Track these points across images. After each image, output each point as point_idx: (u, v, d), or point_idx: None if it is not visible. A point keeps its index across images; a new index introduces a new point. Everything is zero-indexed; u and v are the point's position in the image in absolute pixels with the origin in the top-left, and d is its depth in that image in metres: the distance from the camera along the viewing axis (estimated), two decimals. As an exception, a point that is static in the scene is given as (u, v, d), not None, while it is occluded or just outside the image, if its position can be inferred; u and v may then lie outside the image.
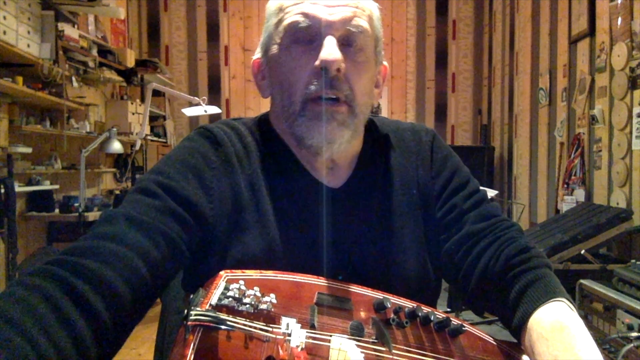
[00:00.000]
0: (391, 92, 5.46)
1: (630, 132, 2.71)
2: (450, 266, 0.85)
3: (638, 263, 2.02)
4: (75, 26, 3.71)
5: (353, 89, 0.76)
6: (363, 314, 0.69)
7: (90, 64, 3.82)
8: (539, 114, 4.05)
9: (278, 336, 0.60)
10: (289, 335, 0.60)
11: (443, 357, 0.71)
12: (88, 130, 3.92)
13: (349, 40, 0.76)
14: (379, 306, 0.70)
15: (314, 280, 0.69)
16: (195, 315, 0.57)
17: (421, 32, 5.45)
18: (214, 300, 0.60)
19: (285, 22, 0.76)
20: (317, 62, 0.73)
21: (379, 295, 0.71)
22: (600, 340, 1.83)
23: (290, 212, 0.79)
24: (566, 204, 3.31)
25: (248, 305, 0.60)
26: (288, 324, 0.61)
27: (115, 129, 3.84)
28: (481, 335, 0.76)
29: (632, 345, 1.58)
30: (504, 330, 0.81)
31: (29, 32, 3.07)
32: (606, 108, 2.97)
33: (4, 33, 2.81)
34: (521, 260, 0.77)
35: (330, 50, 0.73)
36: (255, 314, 0.61)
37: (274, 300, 0.62)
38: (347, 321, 0.67)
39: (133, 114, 4.49)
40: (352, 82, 0.76)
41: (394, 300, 0.71)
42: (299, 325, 0.62)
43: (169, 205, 0.70)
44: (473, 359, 0.73)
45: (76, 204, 3.49)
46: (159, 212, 0.69)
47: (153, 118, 5.04)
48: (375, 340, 0.67)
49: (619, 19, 2.80)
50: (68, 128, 3.66)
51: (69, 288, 0.55)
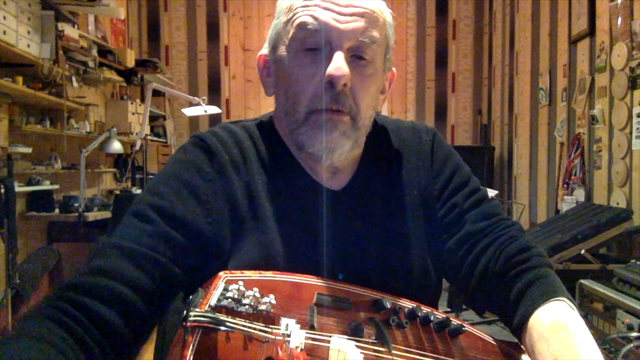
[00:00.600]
0: (391, 92, 5.46)
1: (630, 132, 2.71)
2: (451, 265, 0.84)
3: (638, 263, 2.02)
4: (75, 26, 3.71)
5: (358, 104, 0.76)
6: (362, 315, 0.69)
7: (90, 64, 3.82)
8: (539, 114, 4.05)
9: (277, 337, 0.60)
10: (288, 336, 0.60)
11: (443, 358, 0.71)
12: (88, 130, 3.92)
13: (358, 52, 0.75)
14: (379, 306, 0.70)
15: (313, 280, 0.69)
16: (195, 316, 0.57)
17: (421, 32, 5.45)
18: (213, 301, 0.60)
19: (295, 23, 0.75)
20: (324, 76, 0.72)
21: (378, 295, 0.71)
22: (600, 340, 1.83)
23: (290, 214, 0.79)
24: (566, 204, 3.31)
25: (247, 306, 0.60)
26: (287, 325, 0.61)
27: (115, 129, 3.84)
28: (481, 336, 0.76)
29: (632, 345, 1.58)
30: (504, 330, 0.81)
31: (29, 32, 3.07)
32: (606, 108, 2.97)
33: (4, 33, 2.81)
34: (522, 259, 0.77)
35: (338, 64, 0.71)
36: (255, 315, 0.61)
37: (273, 301, 0.62)
38: (347, 322, 0.67)
39: (133, 114, 4.49)
40: (358, 97, 0.75)
41: (394, 300, 0.71)
42: (299, 325, 0.62)
43: (162, 230, 0.71)
44: (473, 359, 0.73)
45: (76, 204, 3.49)
46: (151, 238, 0.70)
47: (153, 118, 5.04)
48: (375, 341, 0.67)
49: (619, 19, 2.79)
50: (68, 128, 3.66)
51: (75, 329, 0.60)
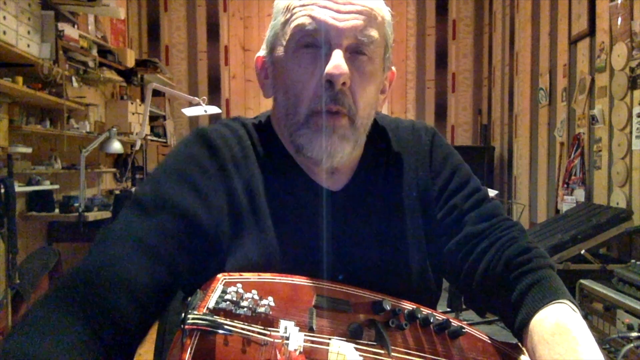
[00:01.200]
0: (391, 92, 5.44)
1: (630, 132, 2.70)
2: (451, 267, 0.84)
3: (638, 263, 2.02)
4: (75, 26, 3.70)
5: (356, 103, 0.75)
6: (362, 316, 0.69)
7: (90, 64, 3.82)
8: (539, 114, 4.05)
9: (276, 340, 0.59)
10: (287, 338, 0.60)
11: (442, 360, 0.71)
12: (88, 130, 3.91)
13: (357, 50, 0.74)
14: (378, 308, 0.69)
15: (312, 282, 0.69)
16: (193, 318, 0.56)
17: (421, 32, 5.44)
18: (211, 303, 0.59)
19: (292, 24, 0.74)
20: (323, 75, 0.72)
21: (377, 297, 0.71)
22: (600, 340, 1.83)
23: (289, 214, 0.79)
24: (566, 204, 3.30)
25: (246, 309, 0.60)
26: (286, 327, 0.61)
27: (115, 129, 3.84)
28: (481, 337, 0.75)
29: (632, 345, 1.57)
30: (504, 330, 0.80)
31: (29, 32, 3.07)
32: (606, 108, 2.96)
33: (4, 33, 2.80)
34: (523, 261, 0.77)
35: (336, 63, 0.71)
36: (253, 318, 0.60)
37: (272, 303, 0.62)
38: (346, 324, 0.67)
39: (133, 114, 4.49)
40: (357, 96, 0.75)
41: (393, 302, 0.71)
42: (298, 328, 0.62)
43: (166, 223, 0.70)
44: (472, 362, 0.73)
45: (76, 204, 3.49)
46: (156, 231, 0.69)
47: (153, 118, 5.04)
48: (374, 343, 0.67)
49: (619, 19, 2.79)
50: (68, 128, 3.66)
51: (86, 315, 0.61)
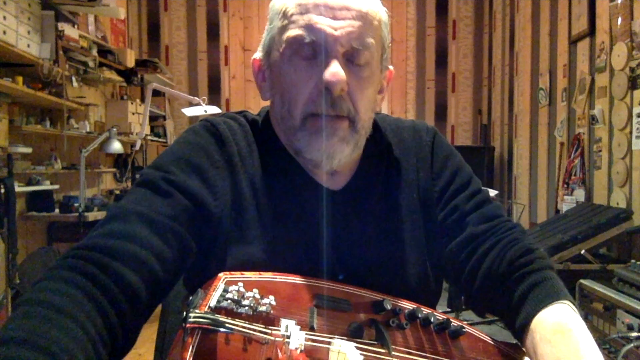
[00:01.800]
0: (391, 92, 5.46)
1: (630, 132, 2.70)
2: (453, 268, 0.84)
3: (638, 263, 2.02)
4: (75, 26, 3.70)
5: (356, 107, 0.75)
6: (362, 316, 0.69)
7: (90, 64, 3.82)
8: (539, 114, 4.05)
9: (277, 338, 0.60)
10: (288, 337, 0.60)
11: (443, 359, 0.71)
12: (88, 130, 3.92)
13: (354, 56, 0.74)
14: (379, 308, 0.70)
15: (313, 282, 0.69)
16: (194, 317, 0.56)
17: (421, 32, 5.45)
18: (212, 302, 0.59)
19: (290, 31, 0.74)
20: (321, 82, 0.72)
21: (378, 296, 0.71)
22: (600, 340, 1.83)
23: (289, 214, 0.79)
24: (566, 204, 3.30)
25: (247, 307, 0.60)
26: (287, 326, 0.61)
27: (115, 129, 3.84)
28: (481, 337, 0.75)
29: (632, 345, 1.57)
30: (504, 330, 0.81)
31: (29, 32, 3.07)
32: (606, 108, 2.96)
33: (4, 33, 2.80)
34: (525, 262, 0.77)
35: (334, 70, 0.71)
36: (254, 316, 0.61)
37: (273, 302, 0.62)
38: (347, 323, 0.67)
39: (133, 114, 4.49)
40: (355, 100, 0.75)
41: (394, 301, 0.71)
42: (298, 327, 0.62)
43: (180, 202, 0.71)
44: (473, 361, 0.73)
45: (76, 204, 3.49)
46: (169, 208, 0.69)
47: (153, 118, 5.04)
48: (375, 342, 0.67)
49: (619, 19, 2.79)
50: (68, 128, 3.66)
51: (100, 283, 0.59)
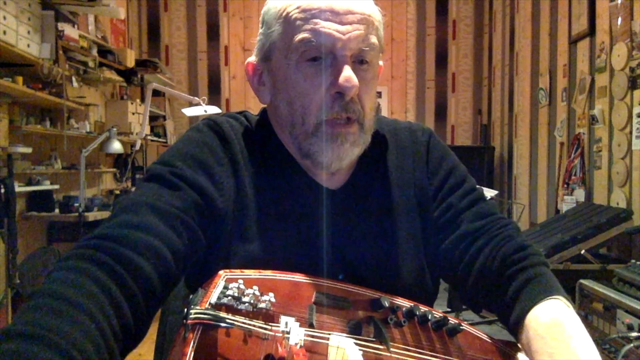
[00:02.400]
0: (391, 92, 5.46)
1: (630, 132, 2.71)
2: (447, 265, 0.85)
3: (638, 263, 2.02)
4: (75, 26, 3.71)
5: (364, 108, 0.77)
6: (361, 313, 0.69)
7: (90, 64, 3.82)
8: (539, 114, 4.06)
9: (277, 334, 0.60)
10: (288, 333, 0.60)
11: (441, 356, 0.71)
12: (88, 130, 3.92)
13: (360, 59, 0.75)
14: (377, 305, 0.70)
15: (312, 279, 0.69)
16: (195, 313, 0.57)
17: (421, 32, 5.45)
18: (213, 299, 0.60)
19: (296, 37, 0.74)
20: (332, 87, 0.73)
21: (376, 294, 0.72)
22: (600, 340, 1.83)
23: (289, 213, 0.80)
24: (566, 204, 3.31)
25: (247, 304, 0.61)
26: (287, 323, 0.61)
27: (115, 129, 3.84)
28: (479, 335, 0.76)
29: (632, 345, 1.58)
30: (503, 330, 0.81)
31: (29, 32, 3.07)
32: (606, 108, 2.97)
33: (4, 33, 2.81)
34: (518, 258, 0.78)
35: (347, 75, 0.72)
36: (254, 313, 0.61)
37: (273, 300, 0.63)
38: (346, 320, 0.67)
39: (133, 114, 4.49)
40: (364, 102, 0.77)
41: (392, 299, 0.72)
42: (298, 324, 0.62)
43: (190, 195, 0.71)
44: (471, 358, 0.73)
45: (76, 204, 3.49)
46: (180, 201, 0.70)
47: (153, 118, 5.04)
48: (374, 339, 0.67)
49: (619, 19, 2.80)
50: (68, 128, 3.66)
51: (113, 273, 0.58)
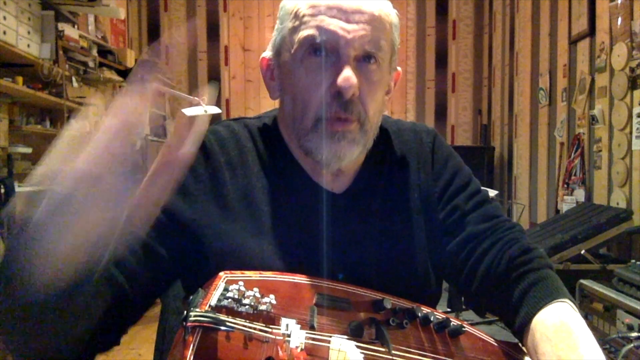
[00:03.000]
0: (391, 92, 5.45)
1: (630, 132, 2.71)
2: (453, 267, 0.85)
3: (638, 263, 2.02)
4: (75, 26, 3.70)
5: (366, 110, 0.75)
6: (362, 315, 0.69)
7: (90, 64, 3.82)
8: (539, 114, 4.05)
9: (277, 337, 0.60)
10: (289, 336, 0.60)
11: (443, 358, 0.71)
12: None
13: (365, 60, 0.74)
14: (379, 307, 0.70)
15: (313, 281, 0.69)
16: (195, 316, 0.57)
17: (421, 32, 5.45)
18: (213, 301, 0.60)
19: (301, 35, 0.73)
20: (332, 86, 0.72)
21: (378, 295, 0.71)
22: (601, 340, 1.83)
23: (291, 216, 0.79)
24: (566, 204, 3.30)
25: (247, 306, 0.60)
26: (287, 325, 0.61)
27: (115, 129, 3.83)
28: (481, 336, 0.76)
29: (632, 345, 1.57)
30: (503, 330, 0.81)
31: (29, 32, 3.07)
32: (606, 108, 2.96)
33: (4, 33, 2.80)
34: (524, 261, 0.78)
35: (346, 75, 0.71)
36: (255, 315, 0.61)
37: (274, 301, 0.62)
38: (347, 322, 0.67)
39: (133, 114, 4.48)
40: (366, 103, 0.75)
41: (394, 300, 0.71)
42: (299, 326, 0.62)
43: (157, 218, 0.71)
44: (473, 360, 0.73)
45: (76, 204, 3.48)
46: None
47: (153, 118, 5.04)
48: (375, 341, 0.67)
49: (619, 19, 2.79)
50: (68, 128, 3.65)
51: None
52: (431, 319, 0.71)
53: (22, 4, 3.01)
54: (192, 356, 0.54)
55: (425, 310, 0.73)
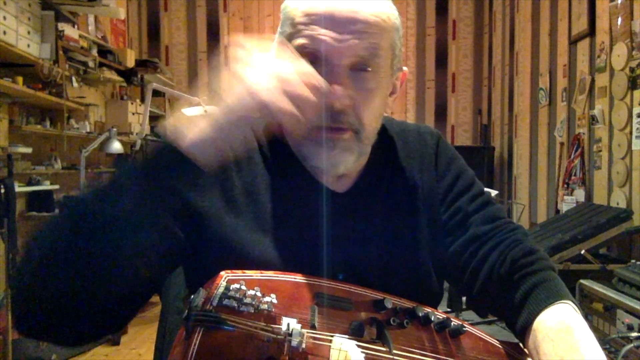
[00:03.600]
0: (391, 92, 5.45)
1: (630, 132, 2.71)
2: (455, 268, 0.85)
3: (638, 263, 2.02)
4: (75, 26, 3.71)
5: (360, 118, 0.74)
6: (363, 314, 0.69)
7: (90, 64, 3.82)
8: (539, 114, 4.06)
9: (279, 336, 0.60)
10: (290, 335, 0.60)
11: (443, 358, 0.71)
12: (88, 130, 3.92)
13: (359, 68, 0.73)
14: (380, 306, 0.70)
15: (314, 280, 0.69)
16: (196, 315, 0.57)
17: (421, 32, 5.45)
18: (214, 300, 0.60)
19: (295, 42, 0.73)
20: (325, 97, 0.70)
21: (379, 295, 0.71)
22: (600, 340, 1.83)
23: (293, 215, 0.79)
24: (566, 204, 3.31)
25: (249, 306, 0.60)
26: (289, 324, 0.61)
27: (115, 129, 3.84)
28: (482, 336, 0.76)
29: (632, 345, 1.58)
30: (504, 331, 0.81)
31: (29, 32, 3.07)
32: (606, 108, 2.97)
33: (4, 33, 2.81)
34: (526, 262, 0.78)
35: (335, 86, 0.70)
36: (256, 314, 0.61)
37: (275, 301, 0.62)
38: (348, 321, 0.67)
39: (133, 114, 4.49)
40: (360, 112, 0.74)
41: (395, 300, 0.71)
42: (300, 325, 0.62)
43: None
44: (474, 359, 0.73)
45: (76, 204, 3.48)
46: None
47: (153, 118, 5.03)
48: (376, 341, 0.67)
49: (619, 19, 2.80)
50: (68, 128, 3.66)
51: None
52: (432, 318, 0.72)
53: (22, 4, 3.01)
54: (193, 355, 0.54)
55: (426, 310, 0.73)
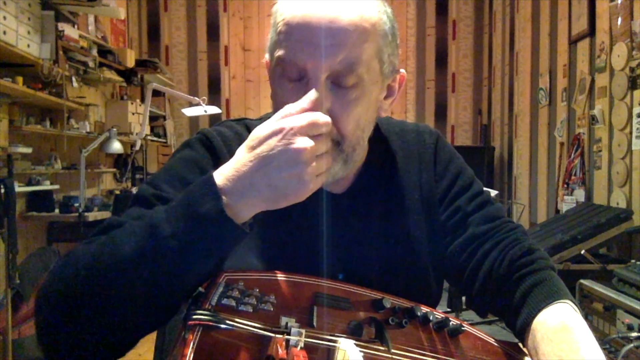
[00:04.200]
0: (391, 92, 5.45)
1: (630, 132, 2.71)
2: (454, 268, 0.85)
3: (638, 263, 2.02)
4: (75, 26, 3.71)
5: (340, 129, 0.72)
6: (362, 314, 0.69)
7: (90, 64, 3.82)
8: (539, 114, 4.06)
9: (277, 335, 0.60)
10: (289, 334, 0.60)
11: (442, 357, 0.71)
12: (88, 130, 3.92)
13: (340, 79, 0.71)
14: (378, 306, 0.70)
15: (313, 280, 0.69)
16: (195, 315, 0.57)
17: (421, 32, 5.45)
18: (214, 300, 0.60)
19: (276, 52, 0.72)
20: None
21: (378, 295, 0.71)
22: (600, 340, 1.83)
23: (290, 216, 0.79)
24: (566, 204, 3.31)
25: (248, 306, 0.61)
26: (287, 324, 0.61)
27: (115, 129, 3.84)
28: (480, 336, 0.76)
29: (632, 345, 1.58)
30: (504, 330, 0.81)
31: (29, 32, 3.07)
32: (606, 108, 2.97)
33: (4, 33, 2.80)
34: (526, 262, 0.78)
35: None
36: (255, 314, 0.61)
37: (274, 301, 0.62)
38: (347, 321, 0.67)
39: (133, 114, 4.49)
40: (340, 122, 0.72)
41: (393, 300, 0.72)
42: (299, 325, 0.62)
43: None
44: (473, 359, 0.73)
45: (76, 204, 3.49)
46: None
47: (153, 118, 5.04)
48: (375, 340, 0.67)
49: (619, 19, 2.80)
50: (68, 128, 3.66)
51: None
52: (430, 318, 0.72)
53: (22, 4, 3.01)
54: (192, 354, 0.54)
55: (425, 309, 0.73)
